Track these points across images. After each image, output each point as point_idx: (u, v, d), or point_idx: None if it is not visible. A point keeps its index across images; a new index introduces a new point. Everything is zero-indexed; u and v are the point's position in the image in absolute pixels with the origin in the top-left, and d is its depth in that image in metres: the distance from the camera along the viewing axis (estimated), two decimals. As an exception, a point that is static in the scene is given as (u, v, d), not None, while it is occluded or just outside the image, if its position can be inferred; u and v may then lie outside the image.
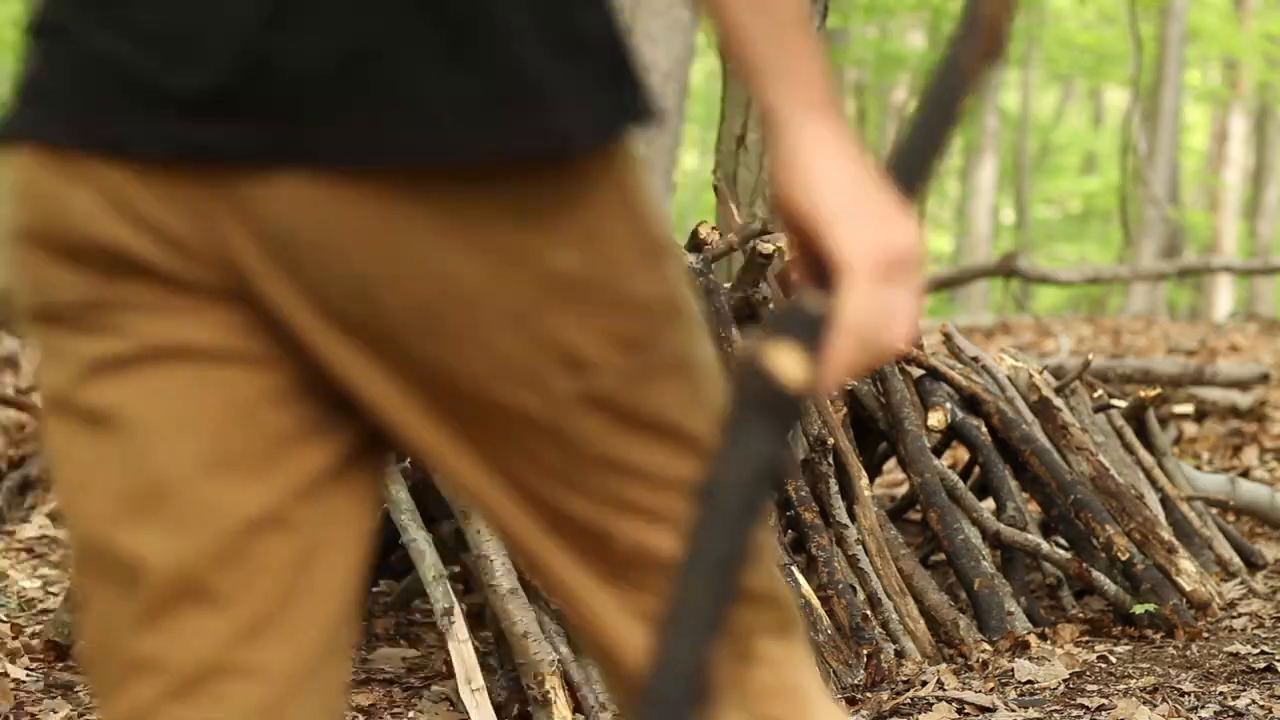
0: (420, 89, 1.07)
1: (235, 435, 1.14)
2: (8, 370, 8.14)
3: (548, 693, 3.04)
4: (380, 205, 1.08)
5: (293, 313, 1.12)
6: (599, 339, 1.14)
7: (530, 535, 1.20)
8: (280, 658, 1.17)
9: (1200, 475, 5.12)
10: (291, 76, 1.06)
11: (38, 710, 3.24)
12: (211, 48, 1.07)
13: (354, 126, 1.07)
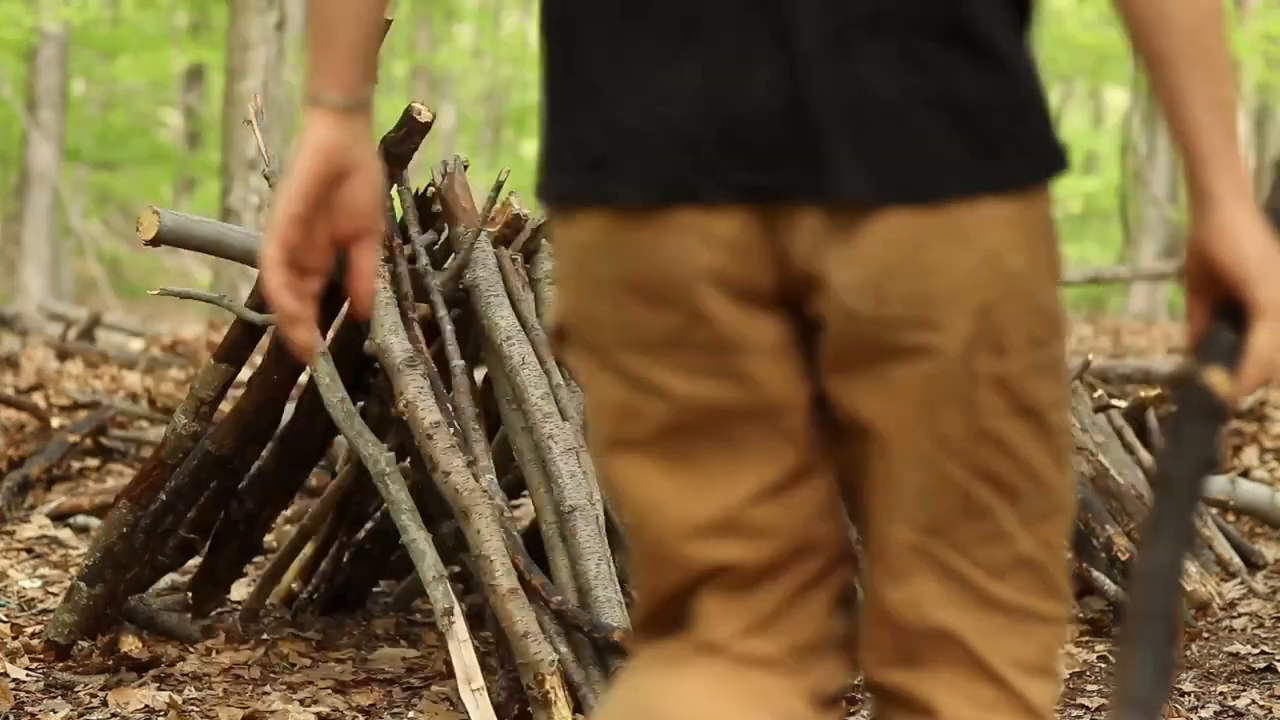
0: (950, 140, 1.35)
1: (785, 457, 1.44)
2: (8, 370, 8.14)
3: (548, 693, 3.04)
4: (906, 223, 1.35)
5: (823, 313, 1.39)
6: (1019, 332, 1.40)
7: (888, 484, 1.43)
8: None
9: (1200, 475, 5.12)
10: (820, 135, 1.34)
11: (38, 710, 3.24)
12: (770, 105, 1.34)
13: (876, 169, 1.34)
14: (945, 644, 1.44)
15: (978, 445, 1.41)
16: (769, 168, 1.36)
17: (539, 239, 3.56)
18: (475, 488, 3.15)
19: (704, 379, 1.41)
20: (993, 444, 1.41)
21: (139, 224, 3.31)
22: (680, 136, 1.37)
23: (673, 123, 1.37)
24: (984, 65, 1.37)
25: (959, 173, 1.36)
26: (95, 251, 20.06)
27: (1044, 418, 1.43)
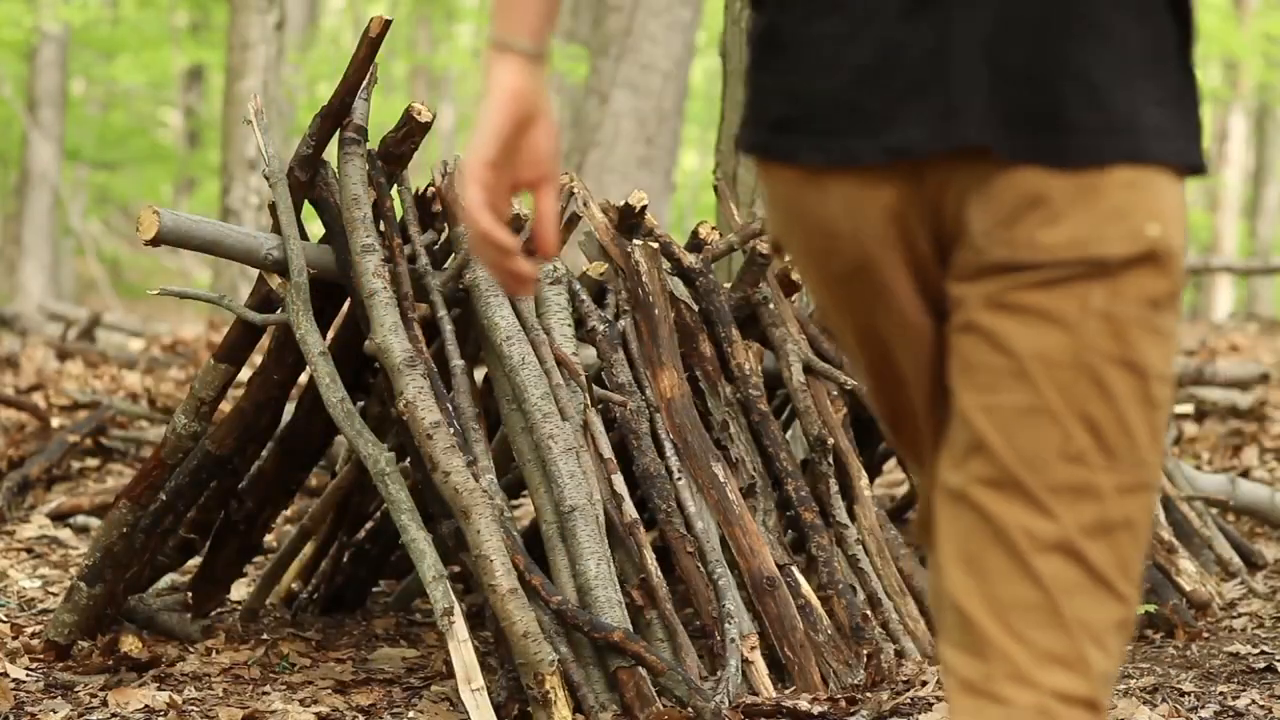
0: (1115, 105, 1.52)
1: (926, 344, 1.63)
2: (8, 370, 8.14)
3: (548, 693, 3.04)
4: (1040, 179, 1.52)
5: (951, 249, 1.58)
6: (1136, 288, 1.53)
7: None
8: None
9: (1200, 475, 5.12)
10: (967, 102, 1.52)
11: (38, 710, 3.24)
12: (922, 77, 1.54)
13: (1039, 134, 1.51)
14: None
15: (1079, 378, 1.50)
16: (923, 132, 1.54)
17: (539, 239, 3.56)
18: (475, 488, 3.15)
19: (865, 311, 1.64)
20: (1094, 383, 1.50)
21: (139, 224, 3.30)
22: (848, 107, 1.56)
23: (843, 95, 1.56)
24: (1139, 50, 1.55)
25: (1091, 140, 1.52)
26: (95, 251, 20.06)
27: (1148, 382, 1.51)
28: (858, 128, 1.57)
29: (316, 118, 3.41)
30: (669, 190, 10.01)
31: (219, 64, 17.17)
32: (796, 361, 3.91)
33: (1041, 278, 1.52)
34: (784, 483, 3.73)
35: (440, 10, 22.37)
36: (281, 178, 3.39)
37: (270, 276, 3.40)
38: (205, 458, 3.64)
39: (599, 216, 3.77)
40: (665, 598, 3.35)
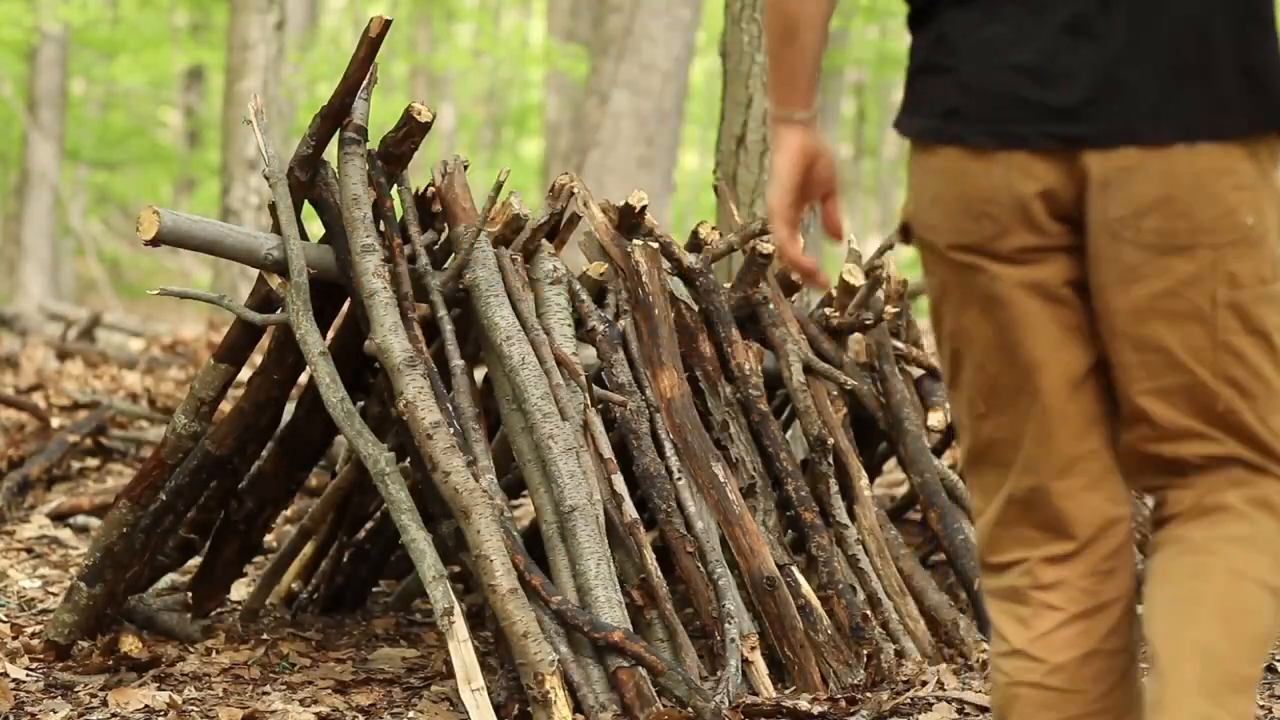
0: (1221, 92, 1.94)
1: (1067, 338, 2.04)
2: (8, 370, 8.14)
3: (548, 693, 3.04)
4: (1178, 162, 1.94)
5: (1094, 240, 1.99)
6: (1249, 272, 1.96)
7: (1145, 388, 2.00)
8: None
9: (1200, 475, 5.11)
10: (1131, 91, 1.93)
11: (38, 710, 3.24)
12: (1077, 79, 1.94)
13: (1174, 118, 1.93)
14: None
15: (1220, 355, 1.97)
16: (1080, 123, 1.94)
17: (539, 239, 3.56)
18: (475, 488, 3.15)
19: (1014, 267, 2.01)
20: (1233, 355, 1.96)
21: (139, 224, 3.30)
22: (1018, 99, 1.96)
23: (1013, 88, 1.96)
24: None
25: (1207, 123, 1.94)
26: (95, 251, 20.06)
27: (1271, 337, 1.97)
28: (1025, 117, 1.96)
29: (316, 118, 3.41)
30: (669, 190, 10.01)
31: (219, 64, 17.17)
32: (796, 361, 3.91)
33: (1166, 266, 1.96)
34: (784, 483, 3.73)
35: (440, 10, 22.38)
36: (281, 178, 3.39)
37: (270, 276, 3.40)
38: (205, 458, 3.64)
39: (599, 216, 3.77)
40: (665, 598, 3.35)
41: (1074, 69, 1.94)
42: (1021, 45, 1.96)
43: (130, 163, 22.56)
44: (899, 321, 4.19)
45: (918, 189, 2.07)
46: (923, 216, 2.07)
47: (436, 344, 3.66)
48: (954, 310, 2.08)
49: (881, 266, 4.08)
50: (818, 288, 2.63)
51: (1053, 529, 2.06)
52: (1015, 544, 2.10)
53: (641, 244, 3.76)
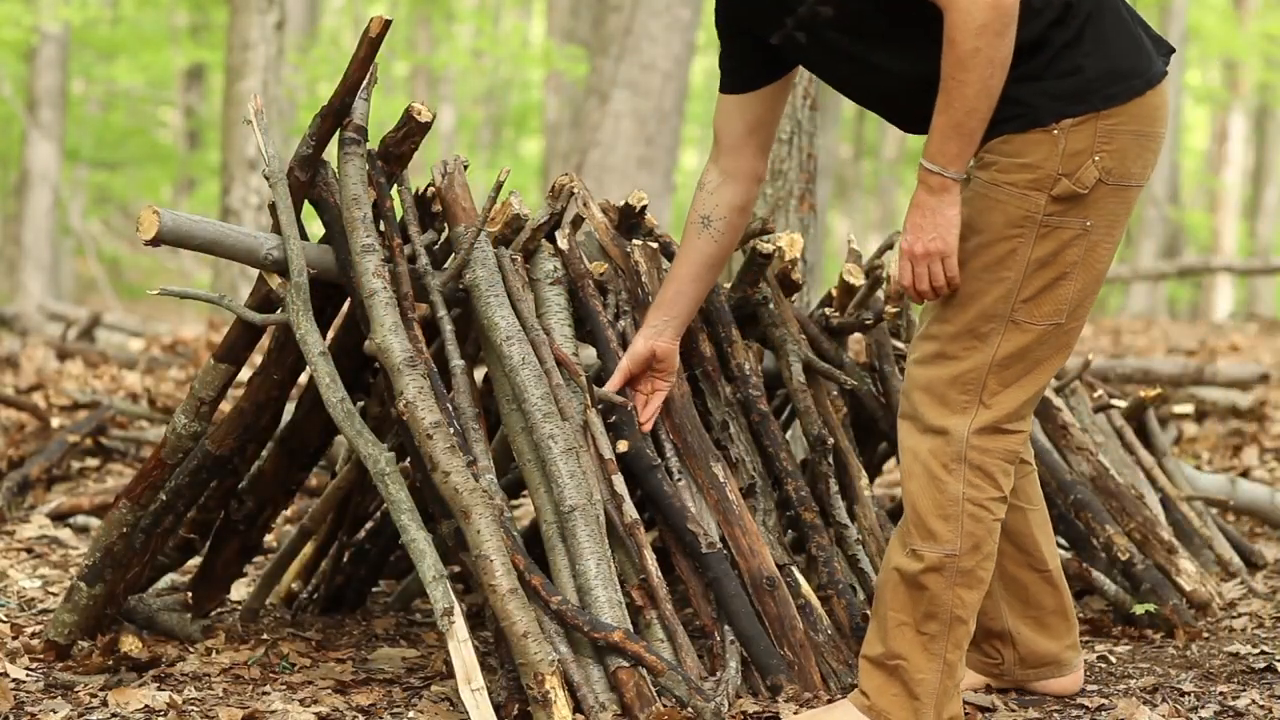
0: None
1: None
2: (8, 370, 8.14)
3: (548, 693, 3.04)
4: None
5: None
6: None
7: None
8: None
9: (1200, 475, 5.12)
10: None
11: (38, 710, 3.23)
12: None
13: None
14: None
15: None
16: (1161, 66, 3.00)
17: (539, 239, 3.56)
18: (475, 488, 3.16)
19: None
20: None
21: (139, 224, 3.30)
22: (1148, 55, 2.99)
23: (1144, 50, 2.98)
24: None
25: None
26: (95, 251, 20.06)
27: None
28: (1154, 63, 2.97)
29: (316, 117, 3.41)
30: (669, 190, 10.01)
31: (219, 64, 17.16)
32: (796, 361, 3.91)
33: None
34: (784, 483, 3.73)
35: (440, 10, 22.37)
36: (281, 178, 3.39)
37: (270, 276, 3.40)
38: (205, 458, 3.64)
39: (599, 216, 3.77)
40: (665, 598, 3.35)
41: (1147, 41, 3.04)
42: (1129, 30, 2.98)
43: (130, 163, 22.56)
44: (899, 321, 4.19)
45: (1117, 150, 2.90)
46: (1123, 168, 2.93)
47: (436, 344, 3.66)
48: (1113, 243, 2.97)
49: (881, 266, 4.08)
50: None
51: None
52: (1029, 419, 3.05)
53: (641, 244, 3.76)
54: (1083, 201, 2.93)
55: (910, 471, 3.03)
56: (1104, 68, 2.91)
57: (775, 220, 5.12)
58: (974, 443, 2.99)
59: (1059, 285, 2.95)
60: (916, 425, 3.04)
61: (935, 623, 3.01)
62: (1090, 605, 4.30)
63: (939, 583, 3.00)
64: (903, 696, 3.03)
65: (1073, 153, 2.90)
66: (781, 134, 5.18)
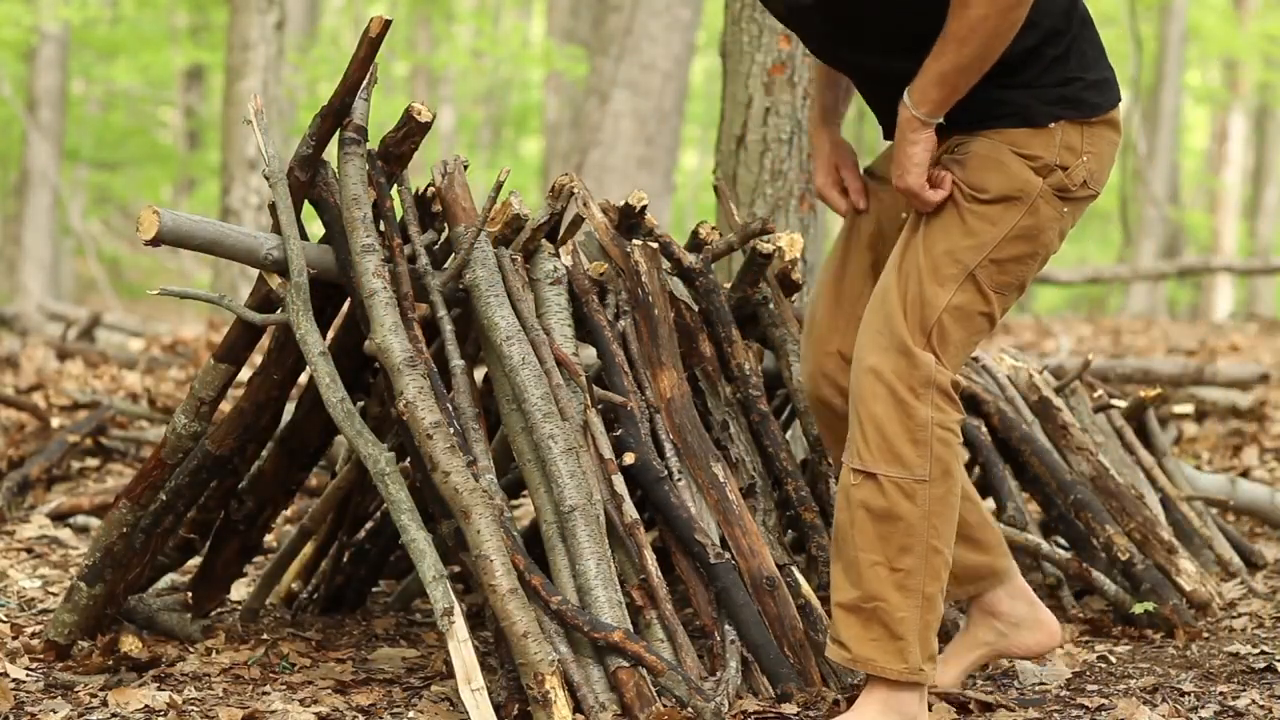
0: None
1: None
2: (8, 370, 8.14)
3: (548, 693, 3.04)
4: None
5: None
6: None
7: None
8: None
9: (1200, 475, 5.12)
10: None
11: (38, 710, 3.24)
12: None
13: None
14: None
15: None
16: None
17: (539, 239, 3.56)
18: (475, 488, 3.16)
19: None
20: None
21: (139, 224, 3.30)
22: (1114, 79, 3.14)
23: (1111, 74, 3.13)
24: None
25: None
26: (95, 251, 20.06)
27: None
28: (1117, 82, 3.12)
29: (316, 117, 3.41)
30: (669, 190, 10.01)
31: (219, 64, 17.15)
32: (796, 361, 3.91)
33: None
34: (784, 483, 3.73)
35: (440, 10, 22.37)
36: (281, 178, 3.39)
37: (270, 276, 3.40)
38: (205, 458, 3.64)
39: (599, 216, 3.77)
40: (665, 598, 3.35)
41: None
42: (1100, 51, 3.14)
43: (130, 163, 22.56)
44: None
45: (1099, 154, 3.06)
46: (1100, 175, 3.08)
47: (436, 344, 3.66)
48: (1061, 235, 3.11)
49: (881, 266, 4.08)
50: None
51: None
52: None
53: (641, 244, 3.76)
54: (1068, 195, 3.07)
55: (872, 393, 2.98)
56: (1090, 79, 3.07)
57: (775, 220, 5.13)
58: (938, 366, 3.01)
59: (1024, 262, 3.05)
60: (882, 342, 3.00)
61: (910, 556, 2.95)
62: (1090, 605, 4.30)
63: (913, 512, 2.95)
64: (884, 639, 2.96)
65: (1068, 147, 3.04)
66: (781, 134, 5.19)
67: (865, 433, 2.97)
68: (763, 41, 5.13)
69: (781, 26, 4.93)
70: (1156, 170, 19.47)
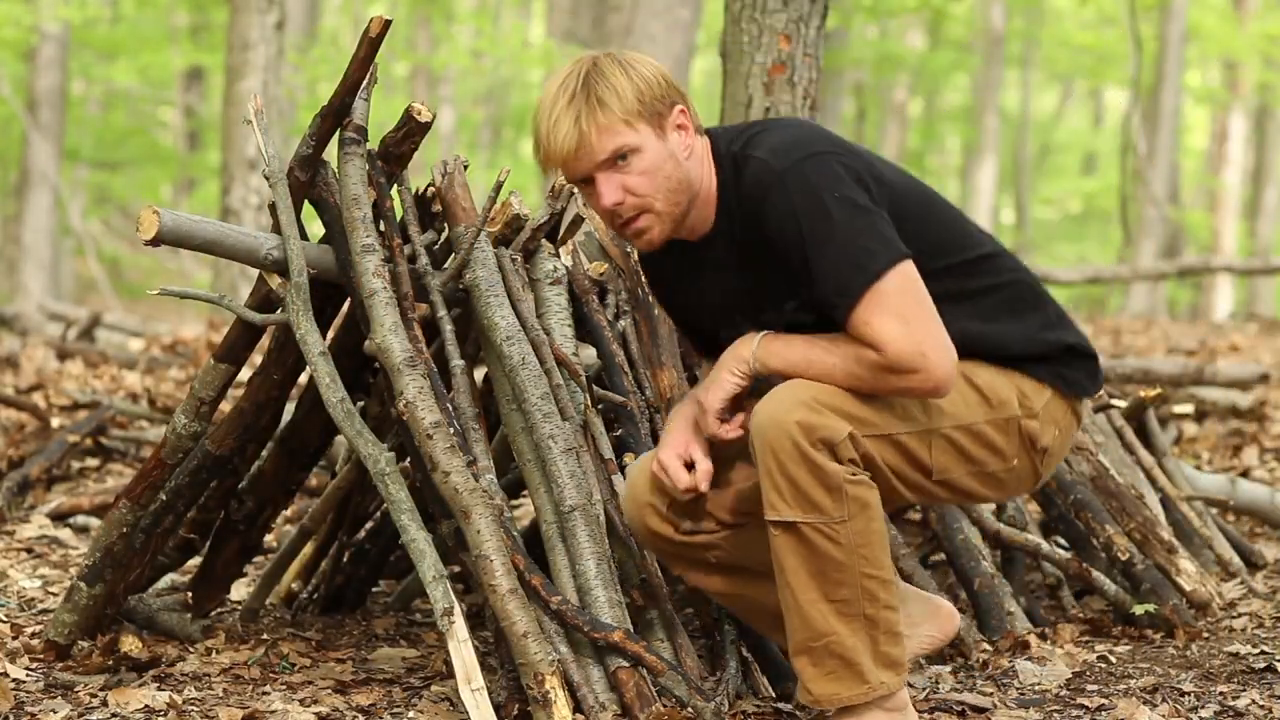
0: None
1: None
2: (8, 370, 8.14)
3: (548, 693, 3.04)
4: None
5: None
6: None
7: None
8: None
9: (1200, 475, 5.12)
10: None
11: (38, 710, 3.24)
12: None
13: None
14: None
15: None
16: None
17: (539, 239, 3.56)
18: (475, 488, 3.16)
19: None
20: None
21: (139, 224, 3.30)
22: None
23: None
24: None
25: None
26: (95, 251, 20.06)
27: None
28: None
29: (316, 117, 3.41)
30: (669, 190, 10.00)
31: (219, 64, 17.15)
32: (796, 361, 3.90)
33: None
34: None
35: (440, 10, 22.37)
36: (281, 178, 3.39)
37: (270, 276, 3.40)
38: (205, 458, 3.64)
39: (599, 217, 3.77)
40: (665, 598, 3.35)
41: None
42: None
43: (130, 163, 22.55)
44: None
45: (1064, 430, 3.13)
46: (1059, 449, 3.13)
47: (436, 344, 3.66)
48: (992, 495, 3.16)
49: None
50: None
51: None
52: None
53: (641, 244, 3.76)
54: (1026, 447, 3.07)
55: (779, 446, 2.87)
56: (1087, 367, 3.14)
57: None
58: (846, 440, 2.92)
59: (966, 463, 3.03)
60: (787, 401, 2.89)
61: (845, 589, 2.91)
62: (1090, 605, 4.30)
63: (839, 551, 2.89)
64: (839, 670, 2.93)
65: (1044, 408, 3.07)
66: (781, 134, 5.18)
67: (778, 485, 2.89)
68: (763, 41, 5.13)
69: (781, 26, 4.95)
70: (1156, 170, 19.47)
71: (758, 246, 2.96)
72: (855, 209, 2.86)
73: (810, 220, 2.86)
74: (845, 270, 2.85)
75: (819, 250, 2.86)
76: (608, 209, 2.97)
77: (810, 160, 2.90)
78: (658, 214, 2.97)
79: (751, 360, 2.97)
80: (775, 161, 2.91)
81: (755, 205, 2.93)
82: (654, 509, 3.14)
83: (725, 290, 3.07)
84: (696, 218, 3.04)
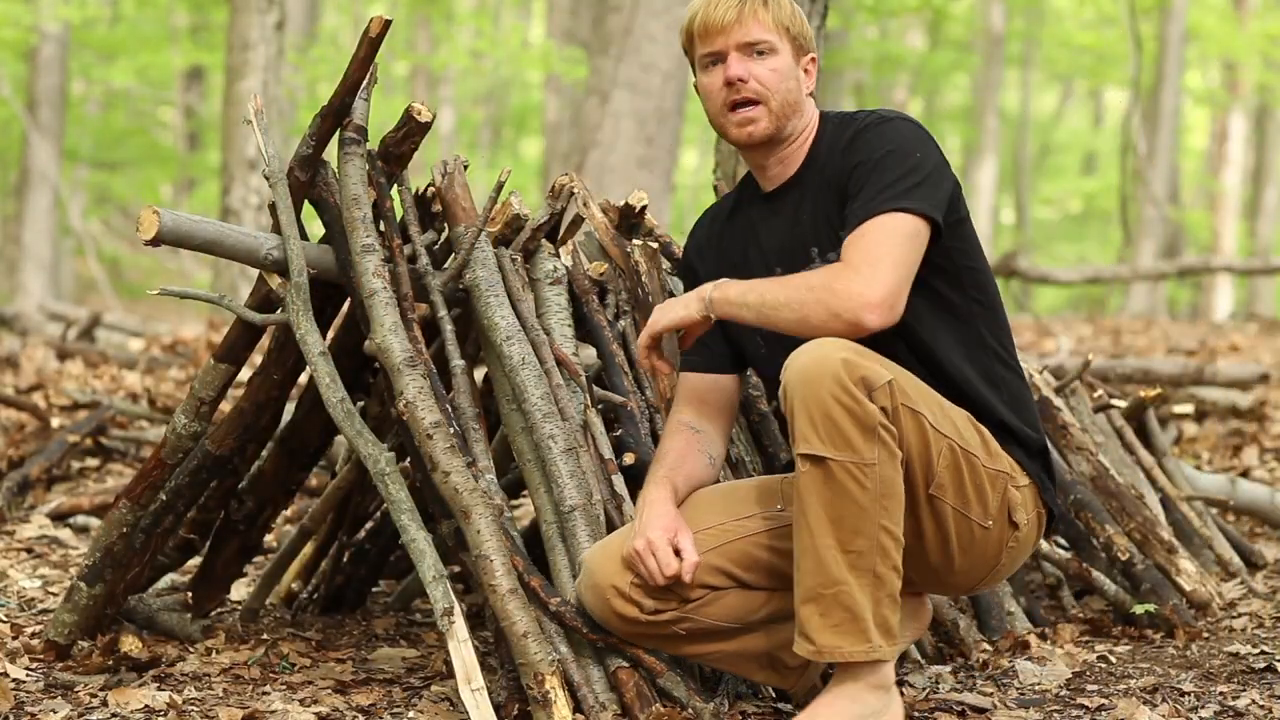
0: None
1: None
2: (8, 370, 8.14)
3: (548, 693, 3.04)
4: None
5: None
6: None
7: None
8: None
9: (1200, 475, 5.12)
10: None
11: (38, 710, 3.24)
12: None
13: None
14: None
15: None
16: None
17: (539, 239, 3.56)
18: (475, 488, 3.16)
19: None
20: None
21: (139, 224, 3.30)
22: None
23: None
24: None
25: None
26: (95, 251, 20.06)
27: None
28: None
29: (316, 117, 3.41)
30: (669, 190, 10.01)
31: (218, 65, 17.16)
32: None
33: None
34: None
35: (440, 10, 22.37)
36: (281, 178, 3.39)
37: (270, 276, 3.40)
38: (205, 458, 3.64)
39: (599, 216, 3.77)
40: (665, 598, 3.35)
41: None
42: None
43: (130, 163, 22.56)
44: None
45: (1031, 526, 3.19)
46: (1023, 545, 3.19)
47: (436, 344, 3.66)
48: (972, 568, 3.18)
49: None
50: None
51: None
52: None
53: (641, 244, 3.76)
54: (1004, 513, 3.14)
55: (817, 379, 2.90)
56: (1053, 485, 3.26)
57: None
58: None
59: (958, 493, 3.05)
60: (830, 344, 2.93)
61: (862, 538, 2.91)
62: (1090, 605, 4.30)
63: (864, 495, 2.90)
64: (845, 623, 2.92)
65: (1025, 489, 3.16)
66: (781, 134, 5.18)
67: (813, 417, 2.90)
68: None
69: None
70: (1156, 170, 19.48)
71: (834, 185, 3.14)
72: (935, 167, 3.08)
73: (895, 155, 3.06)
74: (885, 192, 3.01)
75: (880, 172, 3.04)
76: (731, 79, 3.15)
77: (921, 128, 3.15)
78: (769, 111, 3.16)
79: (710, 292, 3.06)
80: (889, 113, 3.17)
81: (856, 135, 3.14)
82: (617, 590, 3.07)
83: (776, 242, 3.23)
84: (788, 154, 3.23)
